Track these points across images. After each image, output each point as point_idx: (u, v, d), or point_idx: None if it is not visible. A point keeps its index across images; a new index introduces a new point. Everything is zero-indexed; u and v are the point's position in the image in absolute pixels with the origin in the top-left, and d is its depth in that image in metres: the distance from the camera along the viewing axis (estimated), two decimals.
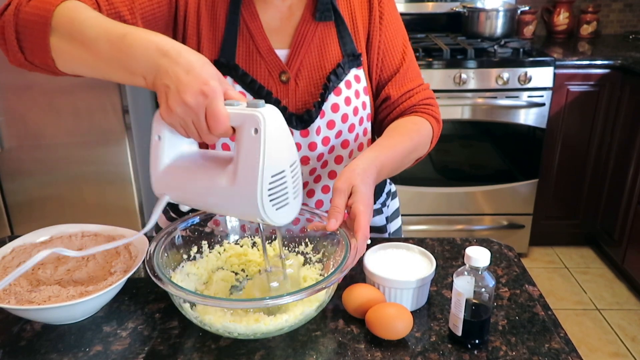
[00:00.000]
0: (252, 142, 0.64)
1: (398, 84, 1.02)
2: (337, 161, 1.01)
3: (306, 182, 1.00)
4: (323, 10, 0.95)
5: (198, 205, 0.75)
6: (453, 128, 2.51)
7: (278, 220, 0.69)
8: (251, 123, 0.64)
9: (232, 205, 0.70)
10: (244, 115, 0.64)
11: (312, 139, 0.96)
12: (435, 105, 1.05)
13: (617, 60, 2.39)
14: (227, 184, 0.68)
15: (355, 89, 0.98)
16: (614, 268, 2.64)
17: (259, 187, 0.65)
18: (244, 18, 0.93)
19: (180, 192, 0.74)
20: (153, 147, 0.73)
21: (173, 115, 0.66)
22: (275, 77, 0.95)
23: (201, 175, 0.71)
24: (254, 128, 0.64)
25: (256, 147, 0.64)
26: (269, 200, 0.66)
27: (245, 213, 0.69)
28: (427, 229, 2.64)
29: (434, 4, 2.87)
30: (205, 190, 0.71)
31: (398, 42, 1.03)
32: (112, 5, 0.84)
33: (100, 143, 2.08)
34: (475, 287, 0.71)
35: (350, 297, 0.78)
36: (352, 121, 0.98)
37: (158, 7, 0.89)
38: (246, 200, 0.66)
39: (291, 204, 0.70)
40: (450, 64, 2.36)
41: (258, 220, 0.69)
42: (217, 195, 0.70)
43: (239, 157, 0.66)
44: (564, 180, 2.63)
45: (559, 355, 0.72)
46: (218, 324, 0.72)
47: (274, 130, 0.64)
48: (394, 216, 1.19)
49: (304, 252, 0.90)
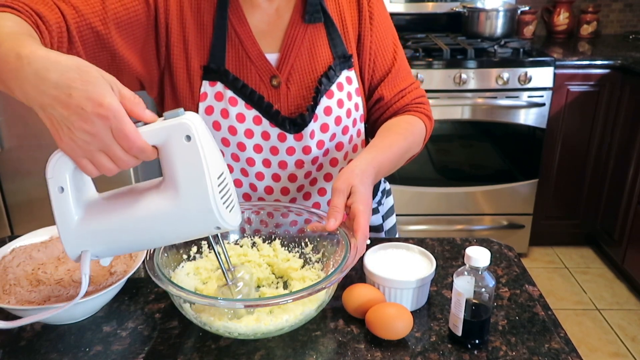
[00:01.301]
0: (188, 149, 0.60)
1: (391, 84, 1.02)
2: (332, 164, 1.01)
3: (302, 186, 1.00)
4: (312, 12, 0.94)
5: (134, 246, 0.70)
6: (453, 128, 2.51)
7: (233, 222, 0.66)
8: (181, 132, 0.60)
9: (184, 225, 0.65)
10: (167, 127, 0.60)
11: (306, 142, 0.95)
12: (426, 103, 1.05)
13: (617, 60, 2.39)
14: (171, 205, 0.63)
15: (348, 90, 0.97)
16: (614, 268, 2.64)
17: (211, 192, 0.62)
18: (232, 23, 0.92)
19: (107, 243, 0.67)
20: (56, 201, 0.64)
21: (76, 151, 0.58)
22: (266, 81, 0.94)
23: (131, 213, 0.65)
24: (186, 135, 0.60)
25: (195, 152, 0.60)
26: (222, 203, 0.63)
27: (199, 226, 0.65)
28: (427, 229, 2.64)
29: (434, 4, 2.87)
30: (143, 225, 0.65)
31: (389, 42, 1.02)
32: (83, 17, 0.82)
33: None
34: (475, 287, 0.71)
35: (350, 297, 0.78)
36: (345, 123, 0.98)
37: (134, 14, 0.87)
38: (199, 211, 0.63)
39: (236, 204, 0.68)
40: (450, 64, 2.36)
41: (213, 229, 0.65)
42: (161, 223, 0.65)
43: (175, 171, 0.61)
44: (564, 180, 2.63)
45: (559, 355, 0.72)
46: (218, 324, 0.72)
47: (205, 132, 0.62)
48: (388, 214, 1.19)
49: (303, 253, 0.90)
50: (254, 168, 0.96)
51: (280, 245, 0.91)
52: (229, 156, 0.96)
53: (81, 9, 0.83)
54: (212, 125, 0.93)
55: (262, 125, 0.94)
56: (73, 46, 0.82)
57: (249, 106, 0.93)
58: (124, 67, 0.90)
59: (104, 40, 0.85)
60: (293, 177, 0.98)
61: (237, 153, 0.95)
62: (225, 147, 0.95)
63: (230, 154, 0.96)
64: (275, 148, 0.96)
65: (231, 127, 0.93)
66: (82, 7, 0.83)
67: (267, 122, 0.94)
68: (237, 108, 0.93)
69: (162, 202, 0.63)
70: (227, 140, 0.94)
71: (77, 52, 0.83)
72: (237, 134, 0.94)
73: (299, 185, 1.00)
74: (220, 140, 0.95)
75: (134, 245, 0.69)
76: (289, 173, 0.98)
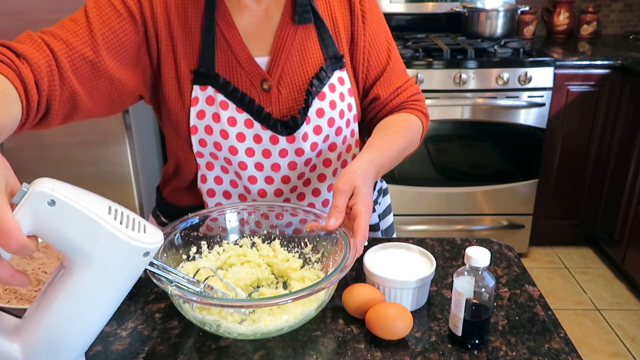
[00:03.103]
0: (60, 210, 0.54)
1: (386, 83, 1.01)
2: (325, 164, 1.00)
3: (295, 187, 1.00)
4: (302, 12, 0.93)
5: (89, 329, 0.63)
6: (453, 128, 2.51)
7: (154, 239, 0.61)
8: (39, 202, 0.53)
9: (117, 276, 0.60)
10: (26, 207, 0.53)
11: (299, 144, 0.95)
12: (422, 100, 1.05)
13: (617, 60, 2.39)
14: (92, 269, 0.58)
15: (340, 91, 0.97)
16: (614, 268, 2.64)
17: (111, 228, 0.56)
18: (220, 27, 0.92)
19: (60, 342, 0.61)
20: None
21: None
22: (257, 86, 0.94)
23: (63, 302, 0.59)
24: (47, 201, 0.53)
25: (69, 207, 0.54)
26: (131, 230, 0.58)
27: (132, 265, 0.60)
28: (427, 229, 2.64)
29: (434, 4, 2.87)
30: (86, 304, 0.60)
31: (382, 41, 1.01)
32: (74, 50, 0.82)
33: (100, 143, 2.08)
34: (475, 287, 0.71)
35: (350, 297, 0.78)
36: (338, 124, 0.98)
37: (123, 34, 0.87)
38: (118, 253, 0.58)
39: (146, 223, 0.62)
40: (450, 64, 2.36)
41: (142, 257, 0.60)
42: (97, 291, 0.60)
43: (66, 238, 0.56)
44: (564, 180, 2.63)
45: (559, 355, 0.72)
46: (218, 324, 0.72)
47: (60, 185, 0.55)
48: (385, 213, 1.19)
49: (303, 253, 0.90)
50: (246, 172, 0.96)
51: (280, 245, 0.91)
52: (222, 160, 0.96)
53: (71, 41, 0.83)
54: (204, 129, 0.93)
55: (254, 129, 0.94)
56: (65, 82, 0.82)
57: (240, 110, 0.92)
58: (123, 88, 0.90)
59: (98, 68, 0.85)
60: (286, 179, 0.98)
61: (229, 157, 0.95)
62: (218, 151, 0.95)
63: (222, 158, 0.96)
64: (268, 151, 0.95)
65: (223, 131, 0.93)
66: (71, 40, 0.83)
67: (258, 125, 0.93)
68: (228, 112, 0.92)
69: (82, 273, 0.58)
70: (219, 144, 0.94)
71: (71, 87, 0.82)
72: (229, 138, 0.93)
73: (292, 186, 1.00)
74: (213, 144, 0.94)
75: (88, 327, 0.63)
76: (282, 175, 0.98)
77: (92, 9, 0.86)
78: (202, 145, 0.95)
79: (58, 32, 0.83)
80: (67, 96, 0.83)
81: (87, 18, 0.85)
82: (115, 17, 0.87)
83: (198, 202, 1.02)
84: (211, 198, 1.00)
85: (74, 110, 0.86)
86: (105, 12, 0.87)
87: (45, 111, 0.81)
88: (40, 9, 1.89)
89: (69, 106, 0.84)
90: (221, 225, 0.91)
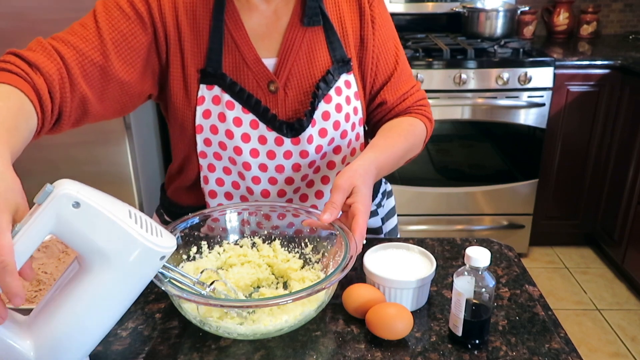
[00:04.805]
0: (84, 213, 0.55)
1: (393, 88, 1.01)
2: (329, 166, 1.00)
3: (298, 188, 1.00)
4: (311, 14, 0.93)
5: (98, 329, 0.63)
6: (453, 128, 2.51)
7: (170, 243, 0.63)
8: (64, 204, 0.55)
9: (132, 278, 0.61)
10: (50, 209, 0.54)
11: (303, 147, 0.95)
12: (427, 105, 1.05)
13: (617, 60, 2.39)
14: (109, 271, 0.59)
15: (346, 95, 0.97)
16: (614, 268, 2.64)
17: (133, 232, 0.58)
18: (229, 28, 0.92)
19: (71, 345, 0.62)
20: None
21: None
22: (263, 87, 0.94)
23: (77, 303, 0.60)
24: (72, 204, 0.55)
25: (92, 210, 0.56)
26: (150, 234, 0.60)
27: (147, 269, 0.62)
28: (427, 229, 2.64)
29: (434, 4, 2.87)
30: (98, 306, 0.61)
31: (391, 46, 1.02)
32: (84, 56, 0.83)
33: (100, 143, 2.08)
34: (476, 287, 0.71)
35: (350, 297, 0.78)
36: (344, 128, 0.97)
37: (132, 38, 0.87)
38: (136, 256, 0.59)
39: (162, 228, 0.64)
40: (450, 64, 2.36)
41: (159, 261, 0.62)
42: (112, 294, 0.61)
43: (88, 239, 0.57)
44: (564, 180, 2.63)
45: (559, 355, 0.72)
46: (218, 324, 0.72)
47: (83, 187, 0.57)
48: (389, 215, 1.19)
49: (303, 253, 0.90)
50: (250, 172, 0.96)
51: (280, 245, 0.91)
52: (225, 160, 0.96)
53: (81, 47, 0.83)
54: (209, 129, 0.93)
55: (259, 130, 0.94)
56: (75, 88, 0.82)
57: (246, 110, 0.92)
58: (132, 91, 0.90)
59: (108, 72, 0.86)
60: (290, 180, 0.98)
61: (233, 157, 0.95)
62: (223, 151, 0.95)
63: (227, 158, 0.96)
64: (272, 152, 0.95)
65: (228, 131, 0.93)
66: (81, 46, 0.83)
67: (264, 127, 0.93)
68: (234, 112, 0.92)
69: (98, 274, 0.59)
70: (224, 144, 0.94)
71: (81, 93, 0.83)
72: (234, 138, 0.93)
73: (296, 187, 1.00)
74: (218, 144, 0.94)
75: (98, 327, 0.63)
76: (286, 176, 0.98)
77: (101, 13, 0.87)
78: (206, 144, 0.95)
79: (68, 38, 0.83)
80: (77, 102, 0.83)
81: (96, 23, 0.86)
82: (124, 21, 0.87)
83: (201, 201, 1.02)
84: (213, 199, 1.00)
85: (84, 114, 0.86)
86: (114, 16, 0.87)
87: (57, 117, 0.82)
88: (40, 9, 1.89)
89: (80, 111, 0.85)
90: (222, 226, 0.91)
